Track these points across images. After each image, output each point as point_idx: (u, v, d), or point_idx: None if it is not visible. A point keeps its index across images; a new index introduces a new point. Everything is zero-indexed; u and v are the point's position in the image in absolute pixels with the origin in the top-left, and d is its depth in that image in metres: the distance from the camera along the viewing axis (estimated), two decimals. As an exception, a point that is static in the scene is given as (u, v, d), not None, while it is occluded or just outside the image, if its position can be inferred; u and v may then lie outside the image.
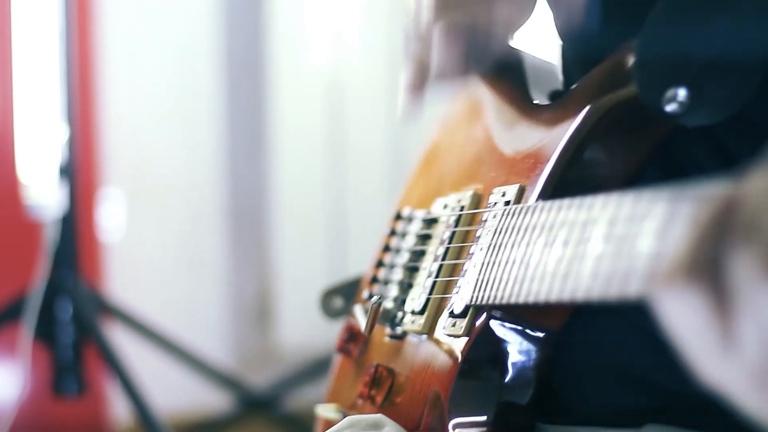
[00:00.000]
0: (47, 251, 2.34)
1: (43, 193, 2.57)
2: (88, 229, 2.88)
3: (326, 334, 1.23)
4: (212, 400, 2.97)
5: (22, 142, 2.87)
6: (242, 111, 3.42)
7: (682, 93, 0.89)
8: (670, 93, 0.89)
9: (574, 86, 1.02)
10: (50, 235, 2.35)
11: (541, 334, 0.96)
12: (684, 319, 0.62)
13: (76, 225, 2.36)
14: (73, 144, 2.36)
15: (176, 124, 3.32)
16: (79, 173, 2.37)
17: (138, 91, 3.24)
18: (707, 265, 0.61)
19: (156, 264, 3.27)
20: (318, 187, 3.53)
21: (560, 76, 1.15)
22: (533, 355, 0.97)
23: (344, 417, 1.12)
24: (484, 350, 0.98)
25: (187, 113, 3.34)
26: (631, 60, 0.92)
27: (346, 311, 1.27)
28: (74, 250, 2.35)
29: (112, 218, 3.14)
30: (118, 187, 3.17)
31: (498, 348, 0.98)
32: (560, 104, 1.03)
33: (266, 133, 3.47)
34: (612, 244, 0.75)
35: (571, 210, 0.84)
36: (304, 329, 3.32)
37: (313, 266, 3.47)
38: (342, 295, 1.29)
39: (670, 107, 0.90)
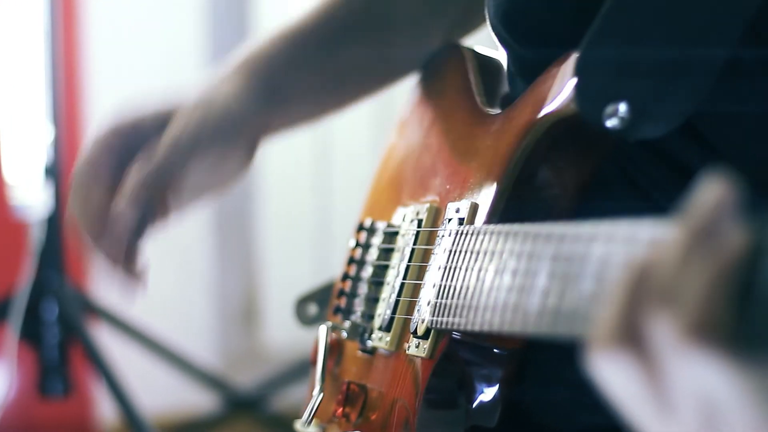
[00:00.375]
0: (33, 252, 2.33)
1: (29, 194, 2.56)
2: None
3: (312, 334, 1.23)
4: (198, 401, 2.96)
5: (8, 142, 2.86)
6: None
7: (622, 108, 0.88)
8: (610, 108, 0.88)
9: (519, 97, 1.01)
10: (36, 236, 2.35)
11: (504, 353, 0.96)
12: (620, 385, 0.62)
13: (61, 225, 2.36)
14: (58, 144, 2.36)
15: (162, 124, 3.31)
16: (64, 174, 2.37)
17: (123, 91, 3.23)
18: (631, 333, 0.61)
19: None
20: (304, 187, 3.53)
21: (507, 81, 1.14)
22: (498, 375, 0.97)
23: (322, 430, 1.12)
24: (449, 374, 0.98)
25: (173, 113, 3.34)
26: (571, 75, 0.91)
27: (322, 318, 1.27)
28: (60, 251, 2.35)
29: (97, 218, 3.13)
30: (103, 187, 3.16)
31: (463, 370, 0.97)
32: (507, 116, 1.02)
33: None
34: (556, 281, 0.76)
35: (518, 239, 0.84)
36: (290, 329, 3.30)
37: (298, 266, 3.47)
38: (316, 302, 1.29)
39: (611, 123, 0.88)
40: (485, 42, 1.21)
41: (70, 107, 2.89)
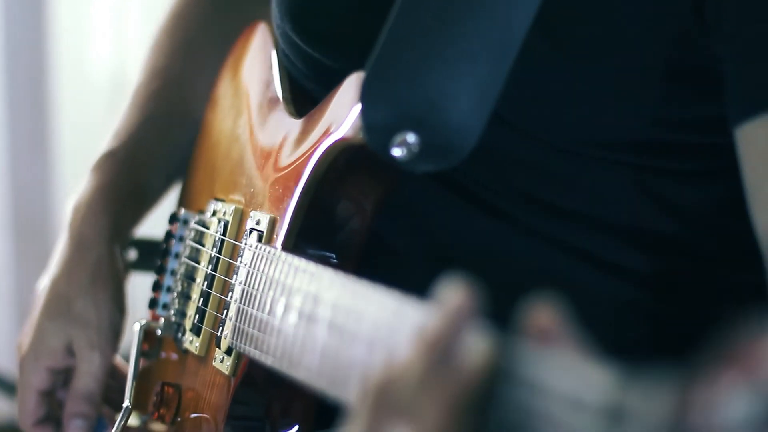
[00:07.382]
0: None
1: None
2: None
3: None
4: (2, 407, 2.91)
5: None
6: (22, 110, 3.36)
7: (411, 138, 0.87)
8: (398, 138, 0.87)
9: (315, 108, 0.99)
10: None
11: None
12: None
13: None
14: None
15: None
16: None
17: None
18: None
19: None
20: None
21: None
22: (300, 394, 0.95)
23: (143, 424, 1.12)
24: (253, 400, 0.97)
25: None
26: (356, 103, 0.89)
27: (137, 267, 1.24)
28: None
29: None
30: None
31: (264, 392, 0.97)
32: (305, 127, 1.00)
33: (49, 132, 3.41)
34: (335, 336, 0.76)
35: (305, 277, 0.84)
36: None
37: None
38: (138, 248, 1.26)
39: (398, 153, 0.87)
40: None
41: None
